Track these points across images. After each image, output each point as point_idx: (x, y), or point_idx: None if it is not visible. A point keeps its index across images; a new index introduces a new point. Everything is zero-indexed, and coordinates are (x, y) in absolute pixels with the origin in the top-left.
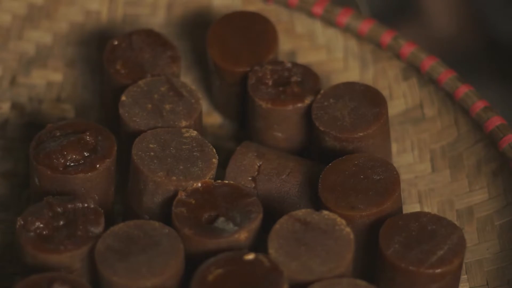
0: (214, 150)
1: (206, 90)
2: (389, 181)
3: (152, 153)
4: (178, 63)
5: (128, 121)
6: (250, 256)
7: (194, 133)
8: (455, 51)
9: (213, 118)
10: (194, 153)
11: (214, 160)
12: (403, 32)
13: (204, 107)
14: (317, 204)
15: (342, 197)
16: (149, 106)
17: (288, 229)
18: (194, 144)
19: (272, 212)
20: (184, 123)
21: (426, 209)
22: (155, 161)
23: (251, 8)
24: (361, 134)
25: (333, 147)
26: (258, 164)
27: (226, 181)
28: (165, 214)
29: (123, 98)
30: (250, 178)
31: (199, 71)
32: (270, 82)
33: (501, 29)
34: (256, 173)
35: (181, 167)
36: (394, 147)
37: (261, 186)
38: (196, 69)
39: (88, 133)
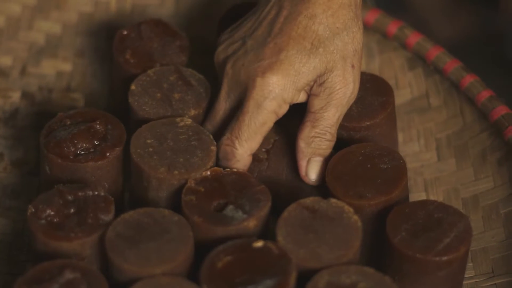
0: (211, 137)
1: (214, 79)
2: (396, 170)
3: (150, 149)
4: (187, 52)
5: (138, 110)
6: (259, 244)
7: (189, 121)
8: (459, 41)
9: None
10: (192, 143)
11: (212, 147)
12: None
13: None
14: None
15: (350, 186)
16: (158, 95)
17: (297, 216)
18: (191, 133)
19: (281, 185)
20: (193, 112)
21: (432, 198)
22: (155, 157)
23: None
24: (368, 123)
25: (340, 136)
26: (275, 139)
27: (235, 169)
28: (171, 207)
29: (133, 87)
30: (263, 150)
31: (207, 60)
32: None
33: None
34: (271, 146)
35: (181, 159)
36: (400, 136)
37: (273, 158)
38: (204, 58)
39: (98, 122)
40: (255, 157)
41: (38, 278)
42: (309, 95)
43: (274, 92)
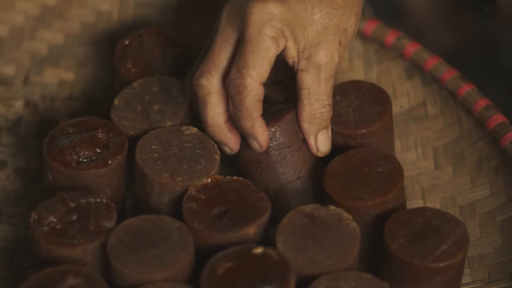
0: (216, 146)
1: None
2: (392, 173)
3: (155, 155)
4: (187, 62)
5: (118, 125)
6: (259, 250)
7: (195, 130)
8: (456, 50)
9: None
10: (197, 151)
11: (216, 156)
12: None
13: None
14: None
15: (347, 189)
16: (139, 108)
17: (296, 223)
18: (196, 142)
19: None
20: (168, 123)
21: (429, 205)
22: (159, 162)
23: None
24: (364, 131)
25: (336, 142)
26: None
27: (235, 177)
28: (172, 213)
29: (116, 102)
30: (302, 136)
31: None
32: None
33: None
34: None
35: (185, 166)
36: (398, 145)
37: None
38: None
39: (100, 130)
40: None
41: (41, 284)
42: (297, 71)
43: (274, 19)
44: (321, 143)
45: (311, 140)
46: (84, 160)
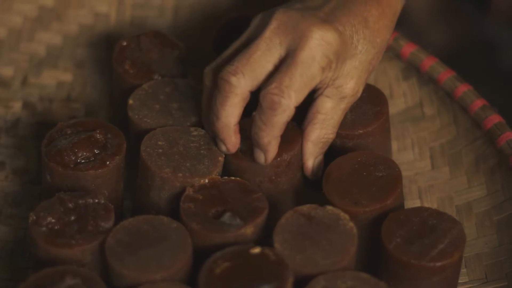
0: None
1: None
2: (391, 178)
3: (160, 150)
4: (185, 63)
5: (139, 122)
6: (256, 250)
7: (202, 131)
8: (452, 50)
9: None
10: (202, 151)
11: (220, 158)
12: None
13: None
14: None
15: (345, 193)
16: (157, 106)
17: (293, 223)
18: (202, 143)
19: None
20: (193, 119)
21: (426, 205)
22: (163, 157)
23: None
24: (361, 131)
25: (333, 143)
26: None
27: (233, 177)
28: (171, 209)
29: (130, 101)
30: None
31: None
32: None
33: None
34: None
35: (187, 164)
36: (395, 145)
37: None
38: (202, 68)
39: (98, 131)
40: None
41: (40, 284)
42: (320, 95)
43: (330, 50)
44: (317, 166)
45: (310, 162)
46: (82, 161)
